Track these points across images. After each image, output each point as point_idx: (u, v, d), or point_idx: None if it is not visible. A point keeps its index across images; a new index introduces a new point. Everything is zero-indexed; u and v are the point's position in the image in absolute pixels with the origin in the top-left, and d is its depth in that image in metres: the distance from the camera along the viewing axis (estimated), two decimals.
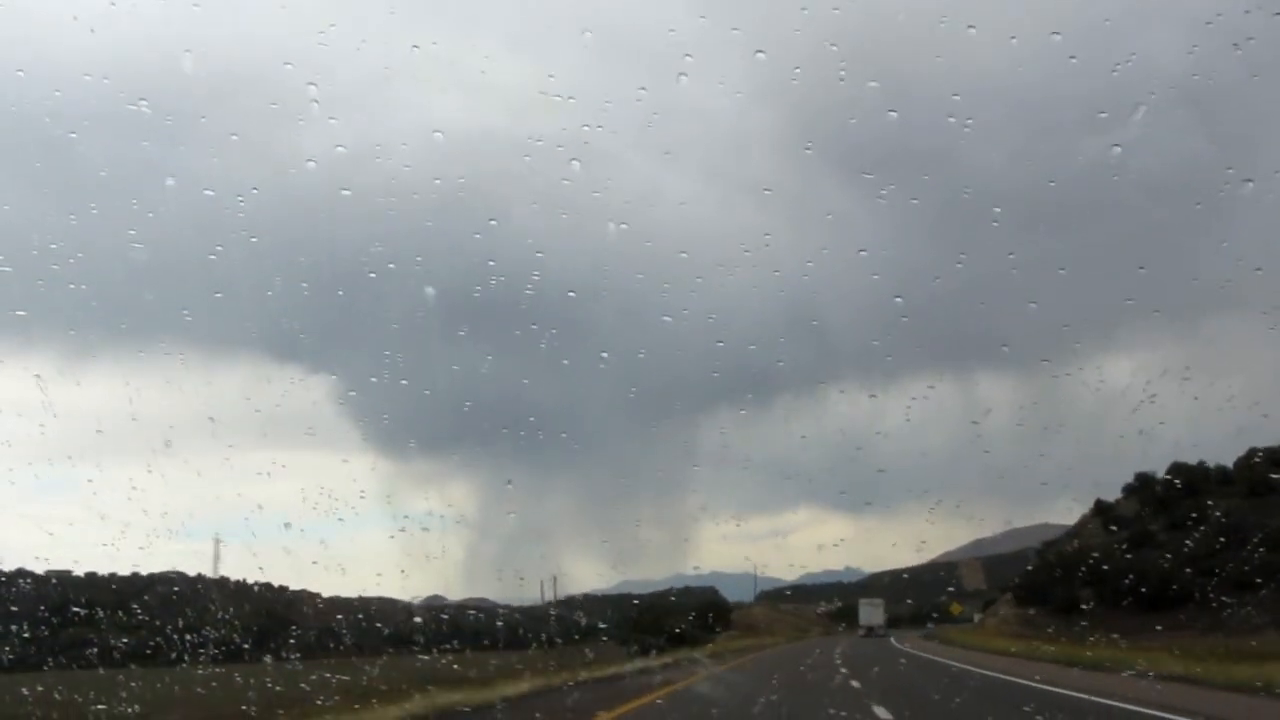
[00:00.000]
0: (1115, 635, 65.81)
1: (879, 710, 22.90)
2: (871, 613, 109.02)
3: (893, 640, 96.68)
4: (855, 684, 33.47)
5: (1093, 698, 25.44)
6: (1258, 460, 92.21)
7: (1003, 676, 37.88)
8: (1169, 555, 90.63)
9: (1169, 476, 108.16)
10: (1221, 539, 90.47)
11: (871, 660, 54.06)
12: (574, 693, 31.34)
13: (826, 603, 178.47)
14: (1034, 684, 31.60)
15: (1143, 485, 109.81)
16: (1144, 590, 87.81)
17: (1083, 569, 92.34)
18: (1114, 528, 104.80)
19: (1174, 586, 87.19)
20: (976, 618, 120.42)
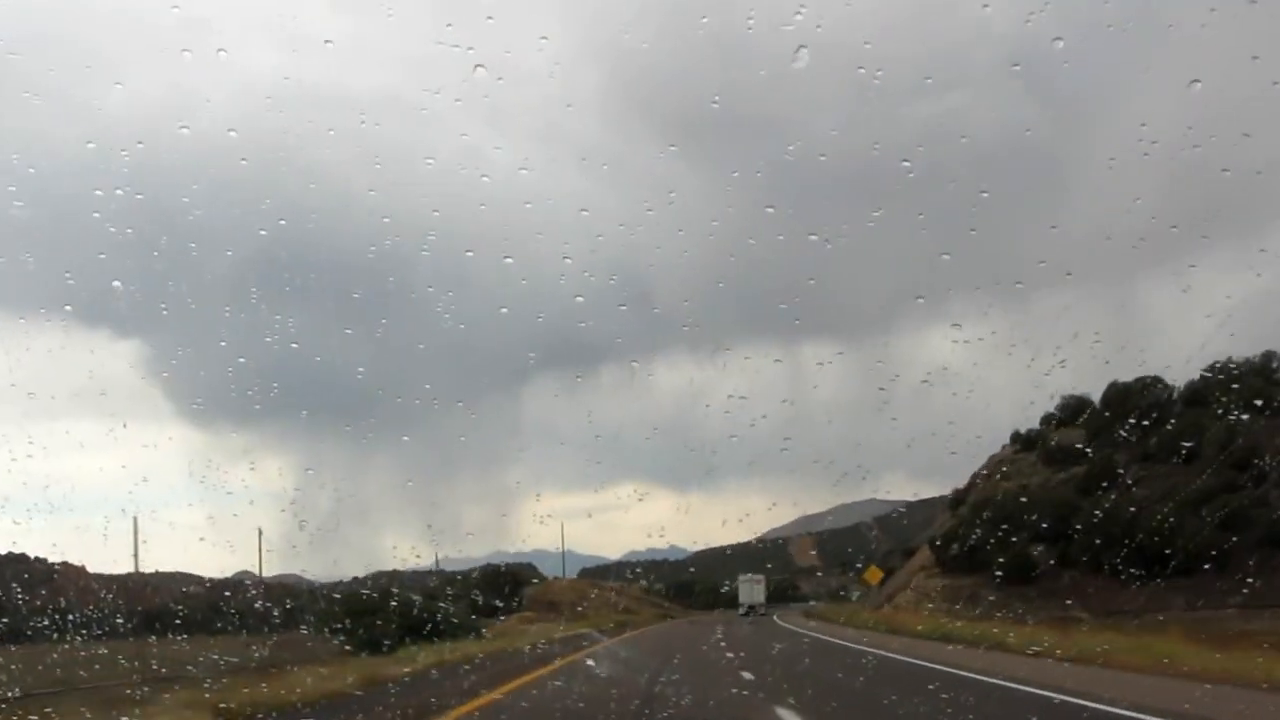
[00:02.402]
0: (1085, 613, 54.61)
1: None
2: (752, 590, 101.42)
3: (780, 621, 74.57)
4: None
5: None
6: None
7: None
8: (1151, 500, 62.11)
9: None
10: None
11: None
12: None
13: (645, 581, 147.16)
14: None
15: (1075, 411, 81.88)
16: (1129, 544, 58.56)
17: (1035, 520, 62.67)
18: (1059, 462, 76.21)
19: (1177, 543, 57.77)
20: (855, 595, 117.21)
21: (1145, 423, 73.91)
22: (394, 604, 56.48)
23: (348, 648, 48.87)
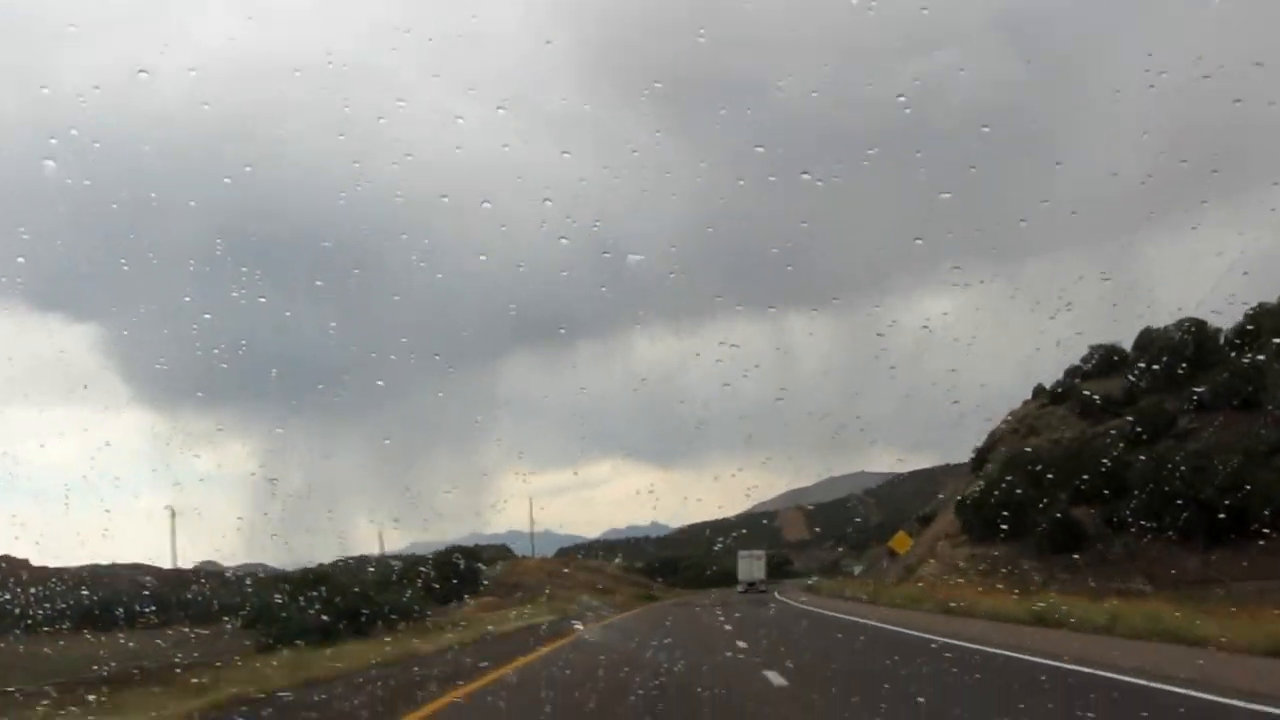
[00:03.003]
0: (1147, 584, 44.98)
1: None
2: (751, 566, 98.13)
3: (792, 602, 62.57)
4: None
5: None
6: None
7: None
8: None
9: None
10: None
11: None
12: None
13: (621, 559, 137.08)
14: None
15: (1105, 362, 72.74)
16: (1193, 501, 49.00)
17: (1080, 480, 53.18)
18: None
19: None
20: (858, 569, 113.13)
21: (1184, 370, 64.84)
22: (321, 593, 47.08)
23: (270, 640, 40.74)
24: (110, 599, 62.43)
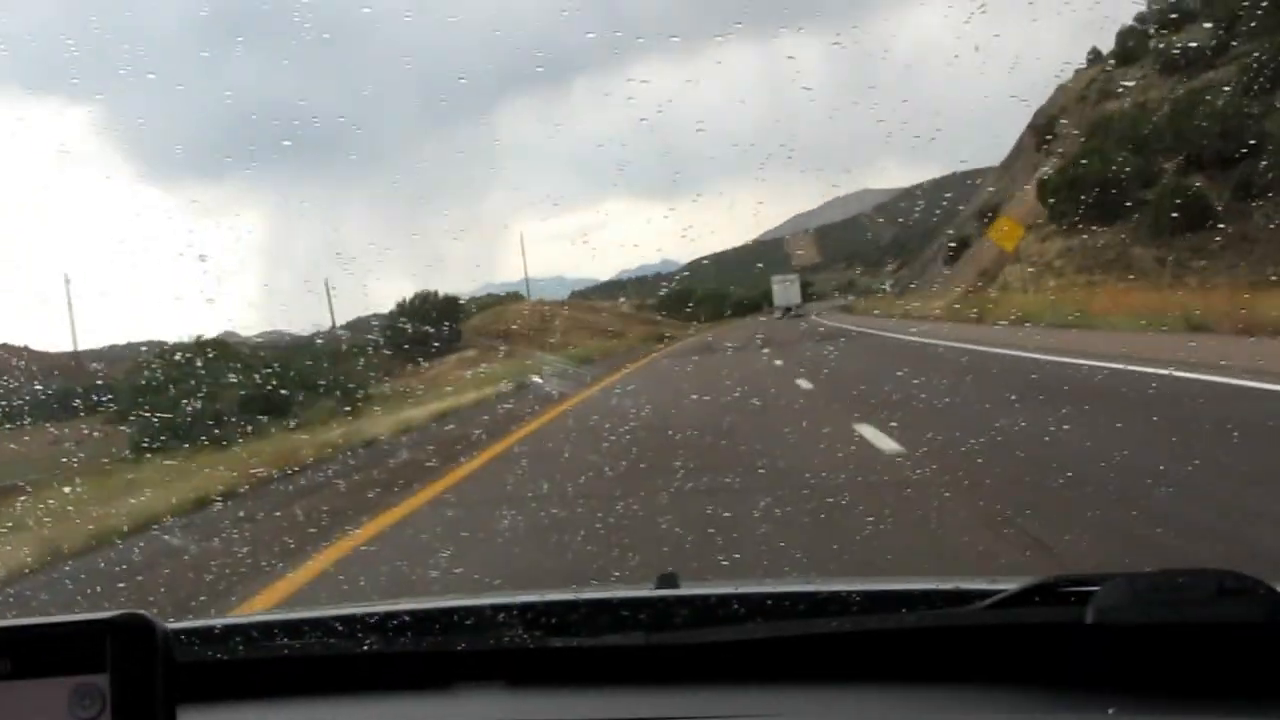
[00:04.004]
0: None
1: None
2: (787, 290, 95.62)
3: (844, 325, 50.92)
4: None
5: None
6: None
7: None
8: None
9: None
10: None
11: None
12: None
13: (628, 298, 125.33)
14: None
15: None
16: None
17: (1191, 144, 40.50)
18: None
19: None
20: (887, 284, 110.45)
21: None
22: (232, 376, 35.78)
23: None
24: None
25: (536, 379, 30.39)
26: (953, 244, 63.08)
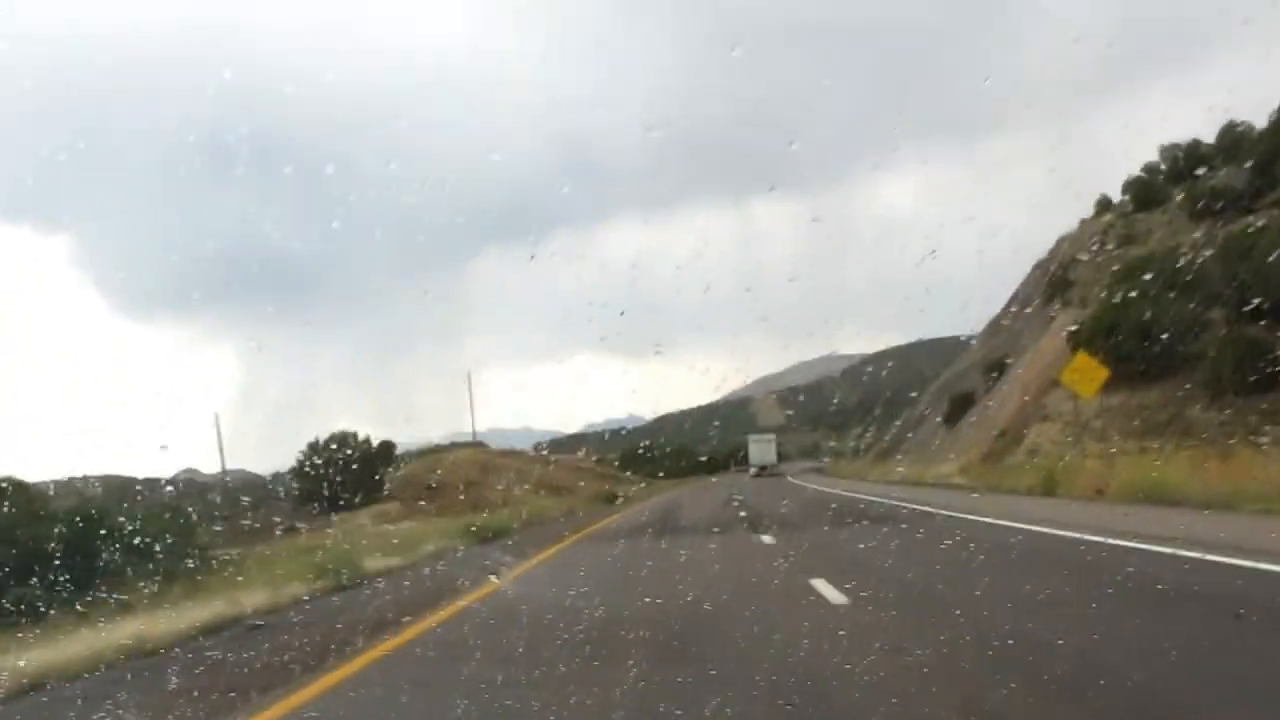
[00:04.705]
0: None
1: None
2: (763, 449, 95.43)
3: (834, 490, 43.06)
4: None
5: None
6: None
7: None
8: None
9: None
10: None
11: None
12: None
13: (588, 452, 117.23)
14: None
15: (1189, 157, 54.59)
16: None
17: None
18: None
19: None
20: (849, 447, 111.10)
21: None
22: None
23: None
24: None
25: (440, 548, 21.96)
26: (954, 401, 55.55)
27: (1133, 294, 38.64)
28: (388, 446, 59.64)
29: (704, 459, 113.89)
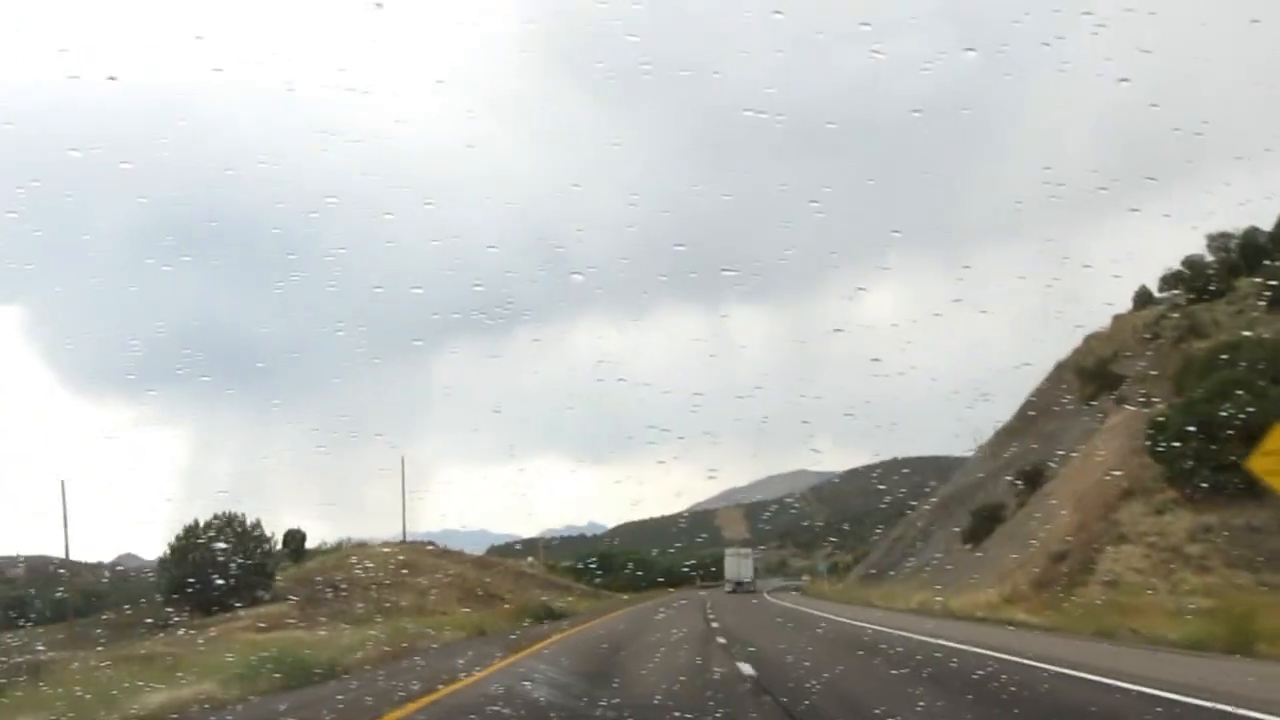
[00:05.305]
0: None
1: None
2: (740, 564, 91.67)
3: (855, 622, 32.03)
4: None
5: None
6: None
7: None
8: None
9: None
10: None
11: None
12: None
13: (539, 558, 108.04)
14: None
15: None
16: None
17: None
18: None
19: None
20: (824, 567, 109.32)
21: None
22: None
23: None
24: None
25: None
26: (977, 516, 46.45)
27: (1230, 388, 29.94)
28: (296, 536, 49.97)
29: (669, 569, 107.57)
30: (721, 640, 22.39)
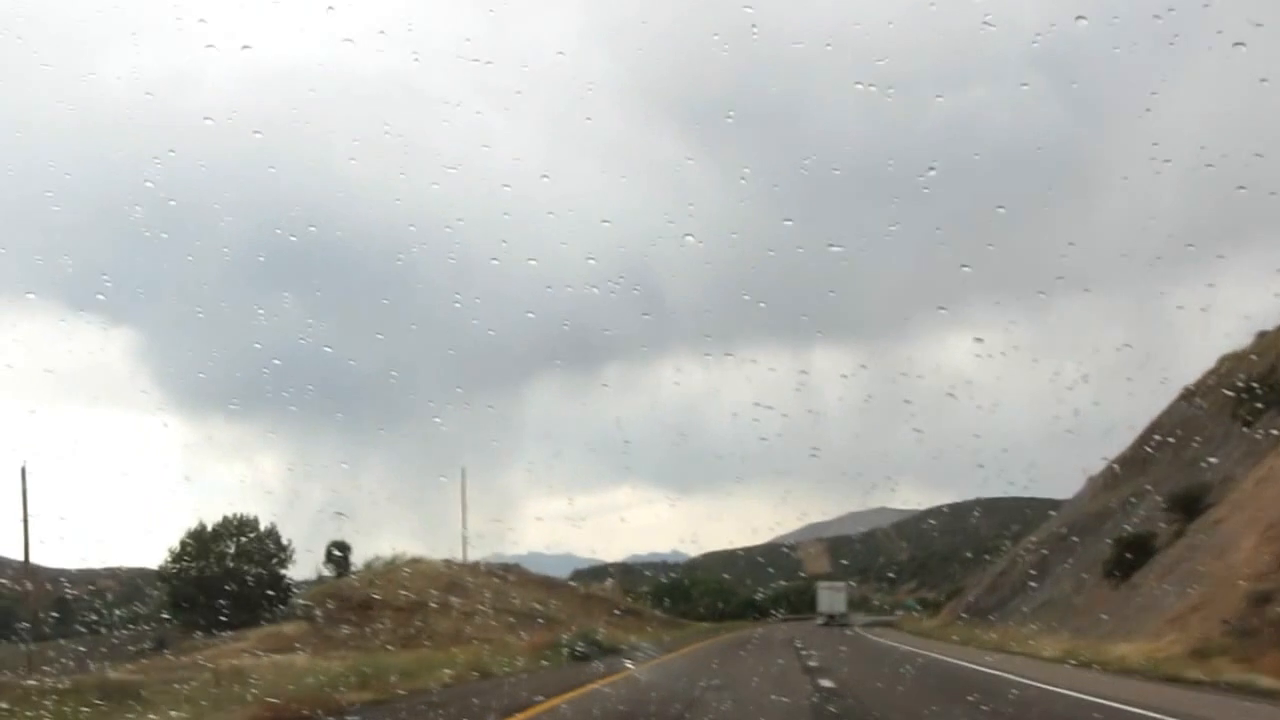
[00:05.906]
0: None
1: None
2: (832, 598, 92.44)
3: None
4: None
5: None
6: None
7: None
8: None
9: None
10: None
11: None
12: None
13: (606, 582, 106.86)
14: None
15: None
16: None
17: None
18: None
19: None
20: (910, 602, 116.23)
21: None
22: None
23: None
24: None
25: None
26: (1121, 547, 39.65)
27: None
28: (341, 547, 45.07)
29: (748, 604, 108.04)
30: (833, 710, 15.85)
